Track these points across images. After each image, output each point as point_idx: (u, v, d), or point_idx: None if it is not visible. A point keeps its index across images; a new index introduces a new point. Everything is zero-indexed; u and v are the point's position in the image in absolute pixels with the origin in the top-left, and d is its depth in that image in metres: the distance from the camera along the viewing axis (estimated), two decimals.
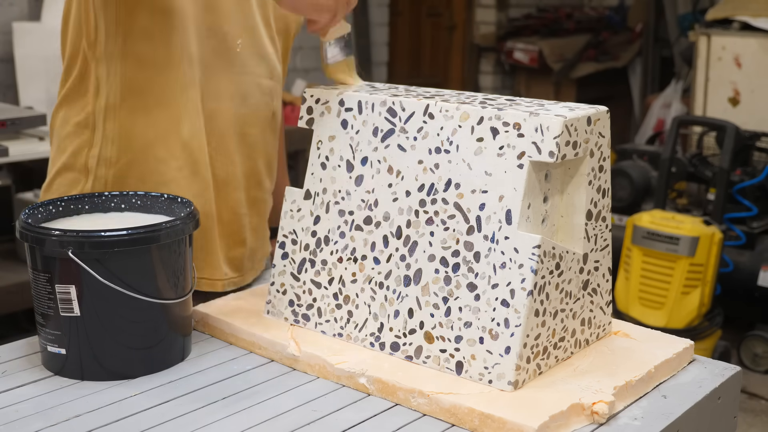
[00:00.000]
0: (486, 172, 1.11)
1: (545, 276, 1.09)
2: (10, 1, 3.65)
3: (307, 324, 1.27)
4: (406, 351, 1.17)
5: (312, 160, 1.27)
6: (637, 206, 3.94)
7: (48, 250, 1.12)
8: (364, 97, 1.22)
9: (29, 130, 3.18)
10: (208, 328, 1.31)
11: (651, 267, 3.40)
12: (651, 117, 5.37)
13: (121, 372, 1.16)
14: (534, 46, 5.89)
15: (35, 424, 1.04)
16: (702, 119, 3.98)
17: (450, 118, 1.14)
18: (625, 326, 1.29)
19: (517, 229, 1.08)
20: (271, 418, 1.06)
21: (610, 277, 1.23)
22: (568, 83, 5.92)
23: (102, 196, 1.30)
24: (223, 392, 1.13)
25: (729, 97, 4.20)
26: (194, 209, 1.22)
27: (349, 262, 1.23)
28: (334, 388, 1.14)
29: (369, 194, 1.21)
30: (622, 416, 1.07)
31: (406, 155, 1.18)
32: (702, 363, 1.22)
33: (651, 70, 6.00)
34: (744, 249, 3.63)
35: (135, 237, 1.12)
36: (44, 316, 1.16)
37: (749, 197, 3.66)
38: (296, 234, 1.28)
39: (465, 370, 1.12)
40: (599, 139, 1.15)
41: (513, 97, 1.22)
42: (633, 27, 6.18)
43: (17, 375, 1.17)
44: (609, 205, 1.20)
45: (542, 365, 1.13)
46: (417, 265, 1.16)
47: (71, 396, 1.12)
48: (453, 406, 1.05)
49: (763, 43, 4.08)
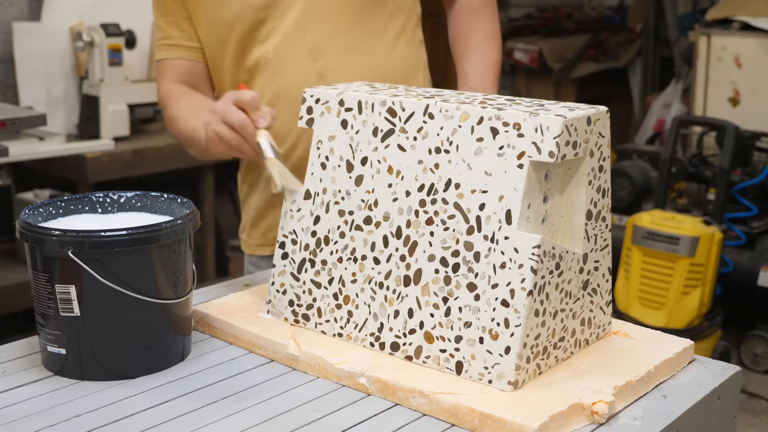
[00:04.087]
0: (486, 172, 1.11)
1: (545, 276, 1.09)
2: (10, 1, 3.65)
3: (307, 324, 1.27)
4: (406, 351, 1.17)
5: (312, 160, 1.27)
6: (637, 206, 3.94)
7: (48, 250, 1.12)
8: (364, 97, 1.22)
9: (29, 130, 3.18)
10: (208, 328, 1.31)
11: (651, 267, 3.40)
12: (651, 117, 5.36)
13: (121, 372, 1.16)
14: (534, 46, 5.89)
15: (35, 424, 1.04)
16: (702, 119, 3.98)
17: (450, 118, 1.14)
18: (625, 326, 1.29)
19: (517, 229, 1.08)
20: (271, 418, 1.06)
21: (610, 277, 1.23)
22: (568, 83, 5.92)
23: (102, 196, 1.30)
24: (223, 392, 1.13)
25: (729, 97, 4.20)
26: (194, 209, 1.23)
27: (349, 262, 1.23)
28: (334, 388, 1.14)
29: (369, 194, 1.21)
30: (622, 416, 1.07)
31: (406, 155, 1.18)
32: (702, 363, 1.22)
33: (651, 70, 6.00)
34: (744, 249, 3.63)
35: (135, 237, 1.12)
36: (44, 316, 1.16)
37: (749, 197, 3.66)
38: (296, 234, 1.28)
39: (465, 370, 1.12)
40: (599, 139, 1.15)
41: (513, 97, 1.22)
42: (633, 27, 6.17)
43: (17, 375, 1.17)
44: (609, 205, 1.20)
45: (542, 365, 1.13)
46: (417, 265, 1.16)
47: (71, 396, 1.12)
48: (453, 406, 1.05)
49: (763, 43, 4.08)
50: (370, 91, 1.25)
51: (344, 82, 1.55)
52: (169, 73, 1.64)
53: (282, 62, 1.56)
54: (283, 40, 1.56)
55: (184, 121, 1.55)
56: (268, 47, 1.56)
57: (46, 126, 2.83)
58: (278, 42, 1.56)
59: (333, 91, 1.26)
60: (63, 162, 3.33)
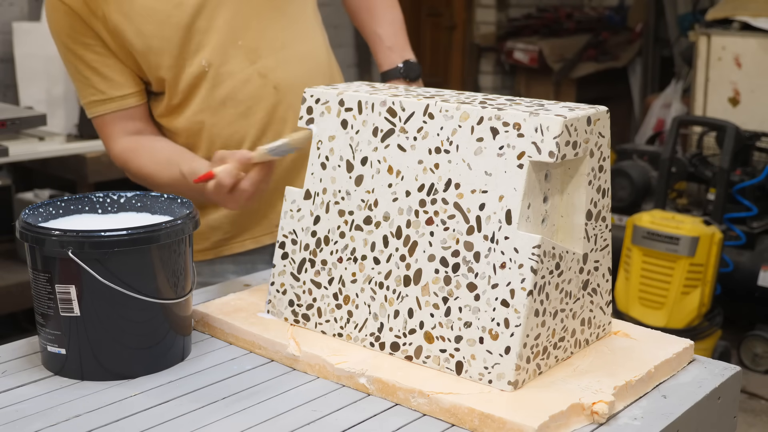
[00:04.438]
0: (486, 172, 1.11)
1: (545, 276, 1.09)
2: (10, 1, 3.66)
3: (307, 324, 1.27)
4: (406, 351, 1.17)
5: (312, 160, 1.27)
6: (637, 206, 3.94)
7: (48, 250, 1.12)
8: (364, 97, 1.22)
9: (29, 130, 3.19)
10: (208, 328, 1.31)
11: (651, 267, 3.40)
12: (651, 117, 5.37)
13: (121, 372, 1.16)
14: (534, 46, 5.89)
15: (35, 424, 1.04)
16: (702, 119, 3.98)
17: (450, 118, 1.14)
18: (625, 326, 1.29)
19: (517, 229, 1.08)
20: (271, 418, 1.06)
21: (610, 277, 1.23)
22: (568, 83, 5.92)
23: (102, 196, 1.30)
24: (223, 392, 1.13)
25: (729, 97, 4.20)
26: (194, 209, 1.23)
27: (349, 262, 1.23)
28: (334, 388, 1.14)
29: (369, 194, 1.21)
30: (622, 416, 1.07)
31: (406, 155, 1.18)
32: (702, 363, 1.22)
33: (651, 70, 6.00)
34: (744, 249, 3.63)
35: (135, 237, 1.12)
36: (44, 316, 1.16)
37: (749, 197, 3.66)
38: (296, 234, 1.28)
39: (465, 370, 1.12)
40: (599, 139, 1.15)
41: (513, 97, 1.22)
42: (633, 27, 6.17)
43: (17, 375, 1.17)
44: (609, 205, 1.20)
45: (542, 365, 1.13)
46: (417, 265, 1.16)
47: (71, 396, 1.12)
48: (453, 406, 1.05)
49: (763, 43, 4.08)
50: (370, 91, 1.25)
51: (284, 78, 1.59)
52: (113, 129, 1.58)
53: (221, 71, 1.55)
54: (216, 50, 1.54)
55: (164, 173, 1.52)
56: (201, 61, 1.54)
57: (46, 126, 2.83)
58: (210, 53, 1.54)
59: (333, 91, 1.26)
60: (63, 162, 3.33)
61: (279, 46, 1.60)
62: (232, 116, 1.57)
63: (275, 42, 1.59)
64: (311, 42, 1.66)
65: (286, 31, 1.61)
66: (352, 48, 5.47)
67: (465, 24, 6.20)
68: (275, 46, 1.59)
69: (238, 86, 1.56)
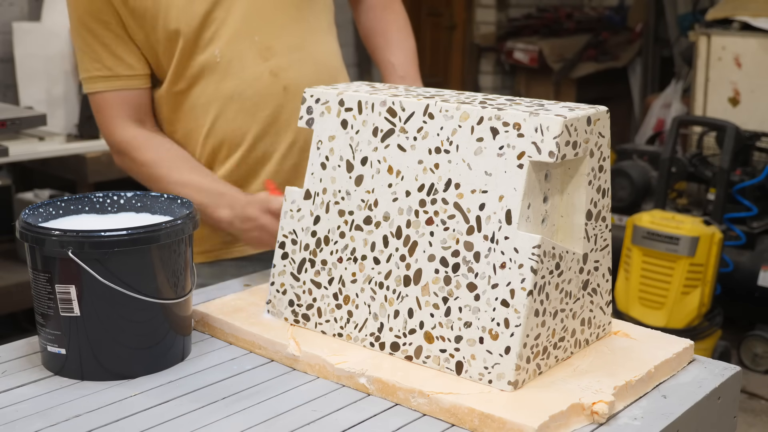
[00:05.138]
0: (486, 172, 1.11)
1: (545, 276, 1.09)
2: (10, 1, 3.66)
3: (307, 324, 1.27)
4: (406, 351, 1.17)
5: (312, 160, 1.27)
6: (637, 206, 3.94)
7: (48, 250, 1.12)
8: (364, 97, 1.22)
9: (29, 130, 3.19)
10: (208, 328, 1.31)
11: (651, 267, 3.40)
12: (651, 117, 5.37)
13: (121, 372, 1.16)
14: (534, 46, 5.89)
15: (35, 424, 1.04)
16: (702, 119, 3.98)
17: (450, 118, 1.14)
18: (625, 326, 1.29)
19: (517, 229, 1.08)
20: (271, 418, 1.06)
21: (610, 277, 1.23)
22: (568, 83, 5.92)
23: (102, 196, 1.30)
24: (223, 392, 1.13)
25: (729, 97, 4.20)
26: (194, 209, 1.23)
27: (349, 262, 1.23)
28: (334, 388, 1.14)
29: (369, 194, 1.21)
30: (622, 416, 1.07)
31: (406, 155, 1.18)
32: (702, 363, 1.22)
33: (651, 70, 6.00)
34: (744, 249, 3.63)
35: (135, 237, 1.12)
36: (44, 316, 1.16)
37: (749, 197, 3.66)
38: (296, 234, 1.28)
39: (465, 370, 1.12)
40: (599, 139, 1.16)
41: (513, 97, 1.22)
42: (633, 27, 6.18)
43: (17, 375, 1.17)
44: (609, 205, 1.20)
45: (542, 365, 1.13)
46: (417, 265, 1.16)
47: (71, 396, 1.12)
48: (453, 406, 1.05)
49: (763, 43, 4.08)
50: (370, 91, 1.25)
51: (296, 79, 1.59)
52: (115, 111, 1.56)
53: (232, 64, 1.55)
54: (230, 43, 1.55)
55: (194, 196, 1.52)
56: (214, 51, 1.54)
57: (46, 126, 2.83)
58: (224, 45, 1.55)
59: (333, 91, 1.26)
60: (63, 162, 3.33)
61: (294, 47, 1.60)
62: (236, 112, 1.57)
63: (291, 42, 1.60)
64: (326, 48, 1.66)
65: (303, 33, 1.62)
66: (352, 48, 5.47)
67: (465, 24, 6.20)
68: (291, 47, 1.60)
69: (247, 82, 1.56)
